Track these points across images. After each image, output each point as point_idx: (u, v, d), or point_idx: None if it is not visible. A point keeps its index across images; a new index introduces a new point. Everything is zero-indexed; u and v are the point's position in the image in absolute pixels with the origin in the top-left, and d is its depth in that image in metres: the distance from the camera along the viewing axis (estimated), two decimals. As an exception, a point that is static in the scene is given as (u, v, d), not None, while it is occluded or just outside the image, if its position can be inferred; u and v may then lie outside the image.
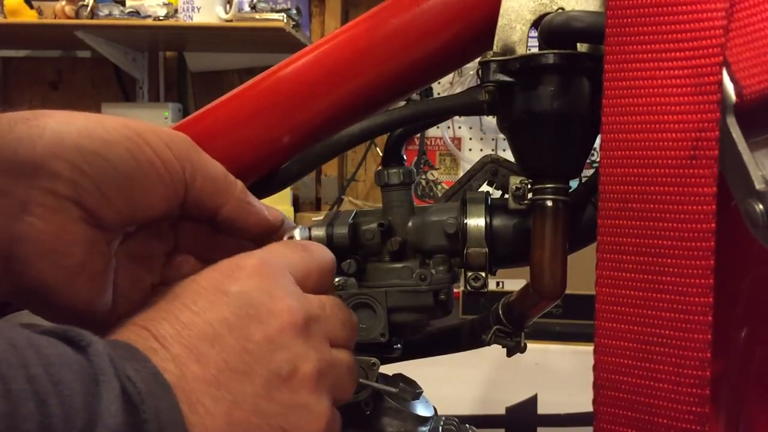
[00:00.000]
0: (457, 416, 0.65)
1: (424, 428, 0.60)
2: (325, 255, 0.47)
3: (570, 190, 0.53)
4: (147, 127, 0.44)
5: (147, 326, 0.38)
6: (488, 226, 0.55)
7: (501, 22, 0.51)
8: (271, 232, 0.50)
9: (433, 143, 2.47)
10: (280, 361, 0.39)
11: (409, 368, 0.64)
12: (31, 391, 0.29)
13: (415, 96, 0.69)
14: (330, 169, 2.53)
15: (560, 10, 0.50)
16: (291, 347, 0.40)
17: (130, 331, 0.38)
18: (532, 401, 1.53)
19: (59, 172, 0.40)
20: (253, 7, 2.26)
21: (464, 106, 0.56)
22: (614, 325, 0.44)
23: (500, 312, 0.59)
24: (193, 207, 0.46)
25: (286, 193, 2.31)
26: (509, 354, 0.61)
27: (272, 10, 2.26)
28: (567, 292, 0.53)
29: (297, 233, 0.52)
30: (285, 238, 0.51)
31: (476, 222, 0.55)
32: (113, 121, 0.43)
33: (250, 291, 0.40)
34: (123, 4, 2.34)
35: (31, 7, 2.36)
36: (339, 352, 0.44)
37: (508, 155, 0.58)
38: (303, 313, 0.41)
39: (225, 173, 0.47)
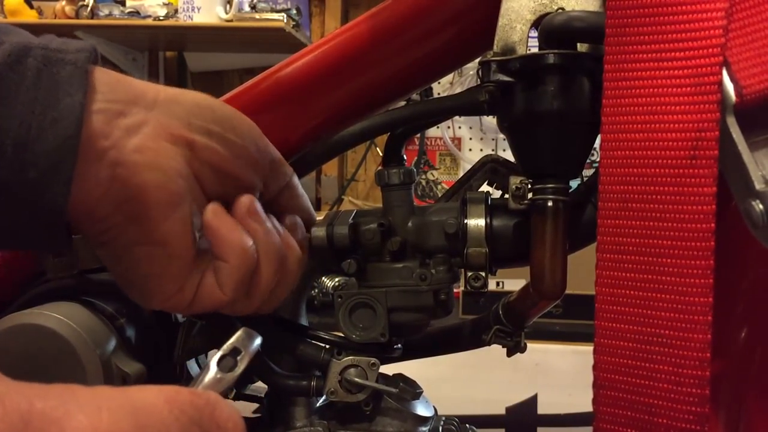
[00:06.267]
0: (457, 416, 0.65)
1: (424, 428, 0.60)
2: None
3: (570, 190, 0.53)
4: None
5: None
6: (488, 226, 0.55)
7: (501, 22, 0.51)
8: (309, 224, 0.55)
9: (433, 143, 2.47)
10: None
11: (409, 368, 0.64)
12: None
13: (415, 96, 0.69)
14: (330, 169, 2.52)
15: (560, 10, 0.50)
16: None
17: None
18: (532, 401, 1.53)
19: None
20: (253, 7, 2.26)
21: (464, 106, 0.56)
22: (614, 324, 0.44)
23: (500, 312, 0.59)
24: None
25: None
26: (509, 354, 0.61)
27: (272, 10, 2.26)
28: (567, 292, 0.53)
29: (212, 366, 0.38)
30: (212, 364, 0.38)
31: (476, 222, 0.55)
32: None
33: None
34: (123, 4, 2.34)
35: (31, 7, 2.36)
36: None
37: (508, 155, 0.58)
38: None
39: (281, 158, 0.52)
